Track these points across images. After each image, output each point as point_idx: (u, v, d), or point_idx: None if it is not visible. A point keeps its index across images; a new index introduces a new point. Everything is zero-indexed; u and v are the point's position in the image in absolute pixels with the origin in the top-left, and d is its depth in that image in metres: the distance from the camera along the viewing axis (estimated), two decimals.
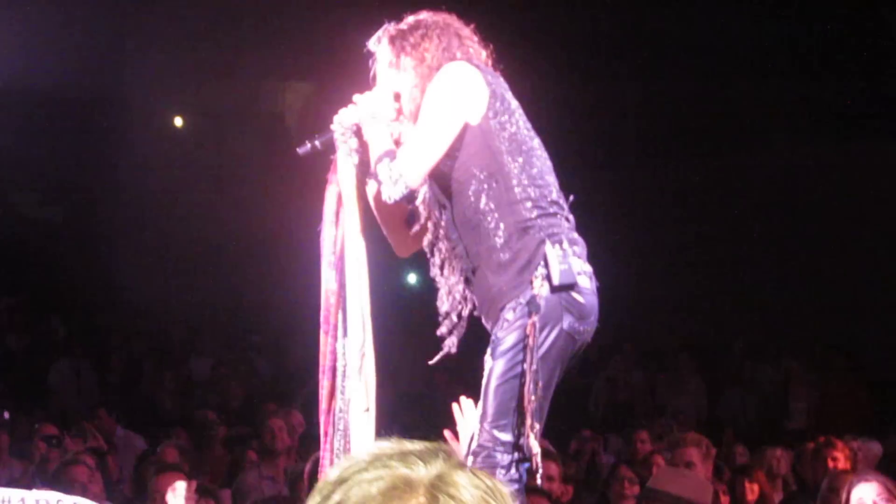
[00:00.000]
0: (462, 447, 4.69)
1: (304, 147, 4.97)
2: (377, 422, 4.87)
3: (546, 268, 4.59)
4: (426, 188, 4.86)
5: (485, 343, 4.78)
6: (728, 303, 15.54)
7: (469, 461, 4.62)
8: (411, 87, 4.87)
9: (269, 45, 14.74)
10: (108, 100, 15.60)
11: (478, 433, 4.64)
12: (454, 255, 4.92)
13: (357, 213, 4.94)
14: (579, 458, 11.09)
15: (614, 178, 15.61)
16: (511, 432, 4.57)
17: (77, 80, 14.83)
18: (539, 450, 4.55)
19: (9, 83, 13.83)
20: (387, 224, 5.14)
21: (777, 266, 15.21)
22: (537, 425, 4.53)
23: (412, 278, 15.94)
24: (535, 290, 4.58)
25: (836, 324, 14.67)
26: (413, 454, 2.13)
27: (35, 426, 10.83)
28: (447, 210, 4.86)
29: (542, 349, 4.56)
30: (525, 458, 4.60)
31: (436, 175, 4.79)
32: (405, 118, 4.93)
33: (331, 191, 4.99)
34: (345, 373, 4.87)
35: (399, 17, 5.01)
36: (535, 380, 4.50)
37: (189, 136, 17.36)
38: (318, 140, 4.96)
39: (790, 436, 12.36)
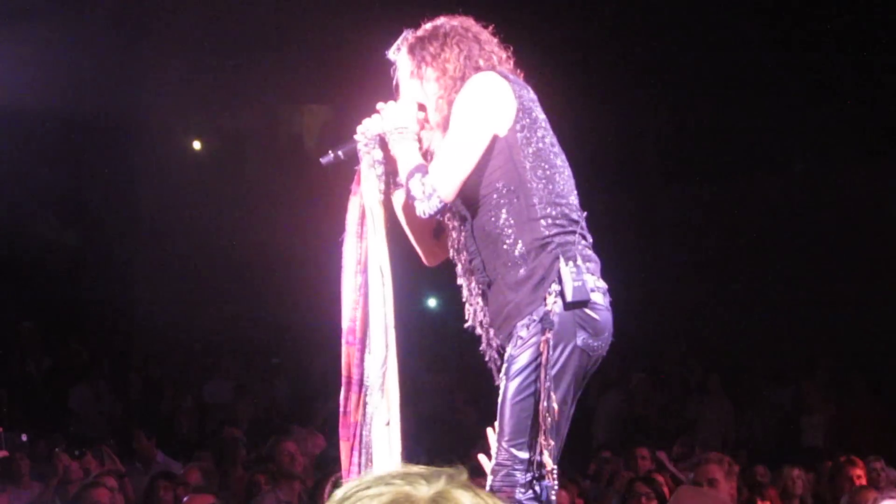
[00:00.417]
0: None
1: (327, 157, 4.95)
2: (403, 440, 4.86)
3: (560, 284, 4.58)
4: None
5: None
6: (747, 323, 15.50)
7: (489, 479, 4.64)
8: (436, 97, 4.85)
9: (288, 69, 14.77)
10: (127, 123, 15.65)
11: (496, 451, 4.64)
12: (471, 267, 4.92)
13: (381, 224, 4.91)
14: (598, 480, 11.07)
15: (634, 200, 15.62)
16: (529, 450, 4.57)
17: (97, 104, 14.87)
18: (554, 466, 4.54)
19: (29, 107, 13.88)
20: (415, 233, 5.12)
21: (796, 286, 15.18)
22: (552, 442, 4.52)
23: (432, 302, 15.96)
24: (549, 306, 4.57)
25: (855, 344, 14.63)
26: (418, 474, 2.14)
27: (55, 450, 10.86)
28: (467, 222, 4.85)
29: (557, 366, 4.55)
30: (544, 476, 4.60)
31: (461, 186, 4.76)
32: (430, 127, 4.92)
33: (354, 202, 4.96)
34: (368, 388, 4.86)
35: (416, 24, 4.98)
36: (550, 396, 4.50)
37: (208, 159, 17.40)
38: (340, 150, 4.94)
39: (807, 455, 12.34)
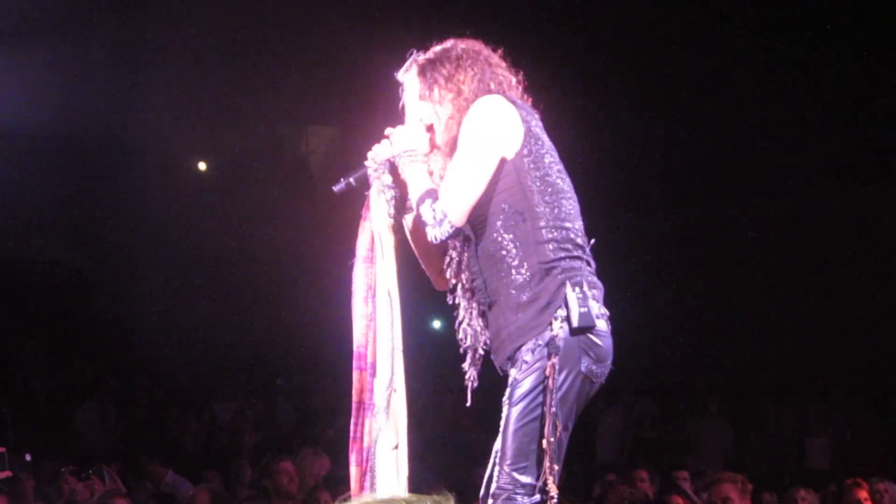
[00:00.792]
0: None
1: (339, 185, 4.97)
2: (409, 463, 4.87)
3: (566, 309, 4.59)
4: None
5: (497, 379, 4.79)
6: (752, 345, 15.50)
7: (488, 503, 4.65)
8: (447, 118, 4.86)
9: (293, 89, 14.80)
10: (132, 144, 15.66)
11: (497, 475, 4.63)
12: (472, 287, 4.92)
13: (390, 248, 4.95)
14: (603, 503, 11.05)
15: (637, 222, 15.62)
16: (531, 475, 4.57)
17: (102, 125, 14.90)
18: (556, 493, 4.54)
19: (34, 127, 13.90)
20: (425, 257, 5.13)
21: (801, 308, 15.18)
22: (556, 467, 4.53)
23: (437, 324, 15.95)
24: (555, 331, 4.57)
25: (861, 365, 14.62)
26: (403, 501, 2.14)
27: (62, 469, 10.86)
28: (471, 242, 4.86)
29: (561, 391, 4.56)
30: (546, 501, 4.61)
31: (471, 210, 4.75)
32: (439, 150, 4.93)
33: (364, 227, 4.99)
34: (374, 409, 4.87)
35: (425, 46, 4.98)
36: (555, 421, 4.50)
37: (213, 179, 17.41)
38: (352, 177, 4.97)
39: (812, 477, 12.31)
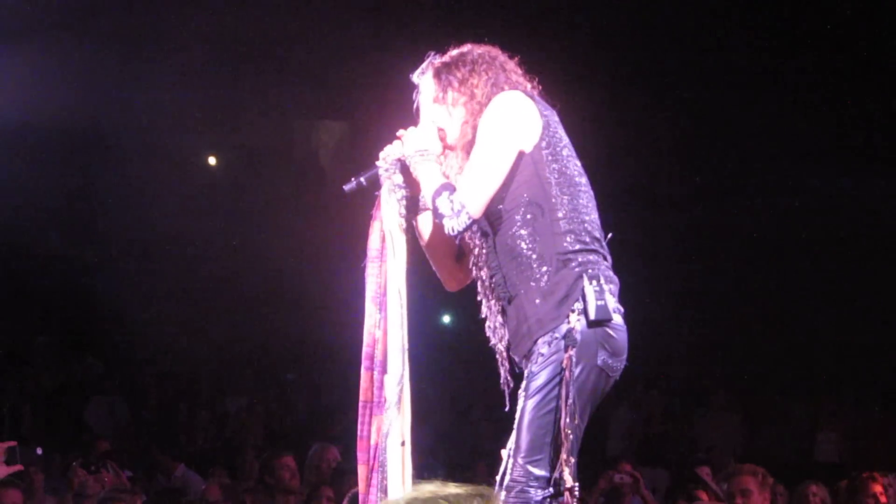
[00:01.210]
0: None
1: (350, 184, 4.97)
2: (415, 459, 4.88)
3: (583, 302, 4.58)
4: None
5: (518, 376, 4.78)
6: (762, 338, 15.48)
7: (502, 496, 4.63)
8: (461, 122, 4.86)
9: (303, 84, 14.79)
10: (142, 139, 15.66)
11: (511, 468, 4.62)
12: (492, 284, 4.91)
13: (401, 248, 4.94)
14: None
15: (648, 218, 15.59)
16: (545, 468, 4.56)
17: (109, 119, 14.91)
18: (573, 483, 4.53)
19: (39, 122, 13.90)
20: (436, 258, 5.13)
21: (812, 302, 15.15)
22: (573, 459, 4.51)
23: (447, 318, 15.97)
24: (572, 323, 4.56)
25: (871, 358, 14.59)
26: (450, 497, 2.11)
27: (73, 464, 10.86)
28: (489, 237, 4.84)
29: (577, 384, 4.53)
30: (559, 493, 4.60)
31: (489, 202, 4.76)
32: (452, 153, 4.94)
33: (375, 227, 4.98)
34: (385, 403, 4.87)
35: (442, 50, 4.99)
36: (572, 413, 4.49)
37: (223, 174, 17.41)
38: (363, 177, 4.96)
39: (822, 470, 12.30)
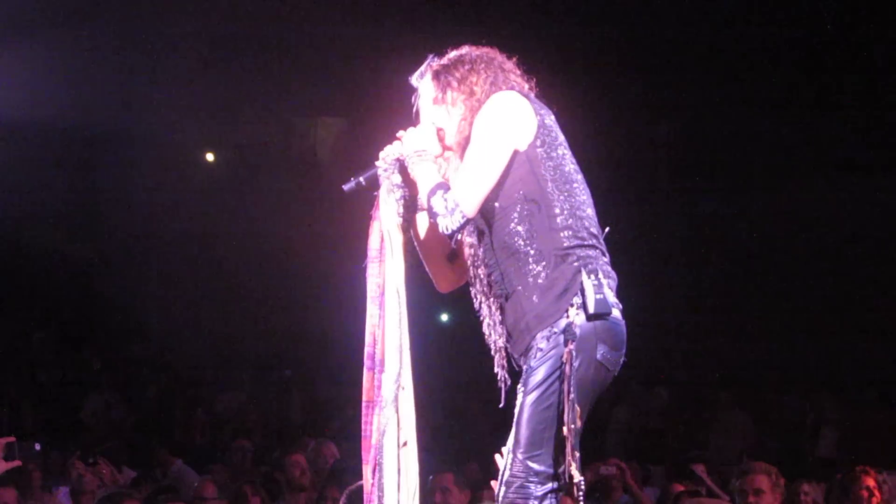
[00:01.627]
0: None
1: (349, 184, 4.98)
2: (420, 460, 4.89)
3: (582, 296, 4.59)
4: None
5: (516, 373, 4.80)
6: (761, 335, 15.49)
7: (501, 492, 4.65)
8: (459, 119, 4.86)
9: (301, 81, 14.79)
10: (139, 136, 15.66)
11: (510, 464, 4.61)
12: (490, 281, 4.92)
13: (399, 247, 4.95)
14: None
15: (645, 211, 15.61)
16: (545, 463, 4.56)
17: (109, 115, 14.90)
18: (581, 478, 4.54)
19: (41, 119, 13.90)
20: (428, 258, 5.14)
21: (808, 297, 15.17)
22: (578, 454, 4.52)
23: (444, 317, 16.00)
24: (571, 317, 4.56)
25: (868, 355, 14.61)
26: None
27: (71, 459, 10.88)
28: (486, 236, 4.85)
29: (577, 378, 4.53)
30: (560, 489, 4.61)
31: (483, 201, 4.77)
32: (450, 154, 4.96)
33: (374, 227, 4.99)
34: (382, 401, 4.90)
35: (440, 52, 5.01)
36: (574, 407, 4.49)
37: (221, 171, 17.41)
38: (362, 177, 4.98)
39: (820, 466, 12.31)
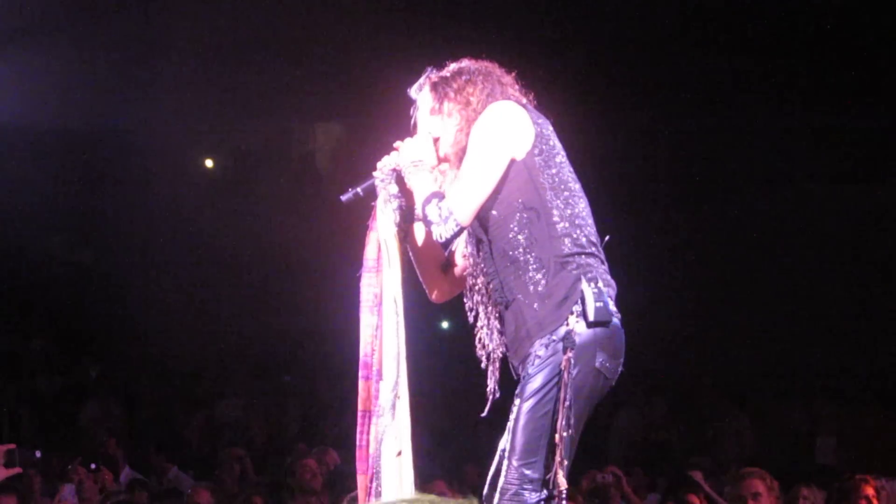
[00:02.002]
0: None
1: (347, 194, 5.03)
2: (416, 466, 4.90)
3: (582, 304, 4.61)
4: None
5: (509, 379, 4.81)
6: (761, 342, 15.47)
7: (496, 499, 4.65)
8: (455, 130, 4.90)
9: (300, 86, 14.78)
10: (138, 141, 15.66)
11: (505, 470, 4.65)
12: (488, 290, 4.93)
13: (396, 256, 4.99)
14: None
15: (644, 221, 15.60)
16: (540, 470, 4.58)
17: (107, 122, 14.89)
18: (566, 486, 4.54)
19: (39, 125, 13.91)
20: (422, 269, 5.17)
21: (807, 303, 15.15)
22: (566, 462, 4.52)
23: (445, 324, 16.00)
24: (570, 325, 4.59)
25: (870, 362, 14.60)
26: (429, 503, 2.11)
27: (69, 466, 10.88)
28: (484, 244, 4.87)
29: (575, 387, 4.56)
30: (553, 497, 4.61)
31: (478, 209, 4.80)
32: (448, 163, 4.97)
33: (372, 237, 5.03)
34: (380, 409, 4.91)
35: (440, 64, 5.06)
36: (569, 415, 4.50)
37: (220, 177, 17.40)
38: (359, 187, 5.03)
39: (820, 473, 12.30)
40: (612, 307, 4.69)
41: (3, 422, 14.54)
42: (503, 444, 4.70)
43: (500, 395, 4.94)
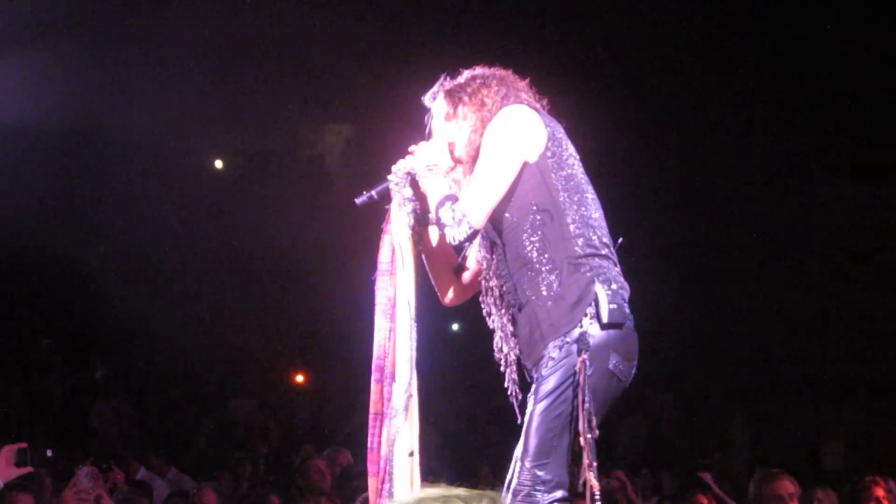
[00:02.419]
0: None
1: (361, 198, 5.04)
2: (423, 465, 4.92)
3: (595, 306, 4.61)
4: None
5: (525, 382, 4.81)
6: (768, 344, 15.47)
7: (508, 499, 4.66)
8: (469, 132, 4.91)
9: (310, 88, 14.80)
10: (148, 141, 15.66)
11: (518, 472, 4.65)
12: (503, 293, 4.94)
13: (410, 259, 5.00)
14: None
15: (651, 225, 15.60)
16: (552, 471, 4.58)
17: (116, 122, 14.91)
18: (598, 483, 4.53)
19: (46, 124, 13.91)
20: (435, 272, 5.19)
21: (816, 307, 15.15)
22: (595, 462, 4.51)
23: (455, 326, 16.03)
24: (584, 327, 4.59)
25: (878, 366, 14.59)
26: (458, 498, 2.11)
27: (79, 466, 10.88)
28: (498, 247, 4.88)
29: (588, 388, 4.54)
30: (566, 499, 4.62)
31: (491, 212, 4.82)
32: (462, 166, 4.98)
33: (385, 240, 5.04)
34: (393, 411, 4.93)
35: (452, 71, 5.07)
36: (589, 417, 4.49)
37: (229, 178, 17.41)
38: (374, 191, 5.04)
39: (829, 477, 12.31)
40: (627, 309, 4.70)
41: (13, 421, 14.57)
42: (518, 446, 4.71)
43: (521, 397, 4.94)
